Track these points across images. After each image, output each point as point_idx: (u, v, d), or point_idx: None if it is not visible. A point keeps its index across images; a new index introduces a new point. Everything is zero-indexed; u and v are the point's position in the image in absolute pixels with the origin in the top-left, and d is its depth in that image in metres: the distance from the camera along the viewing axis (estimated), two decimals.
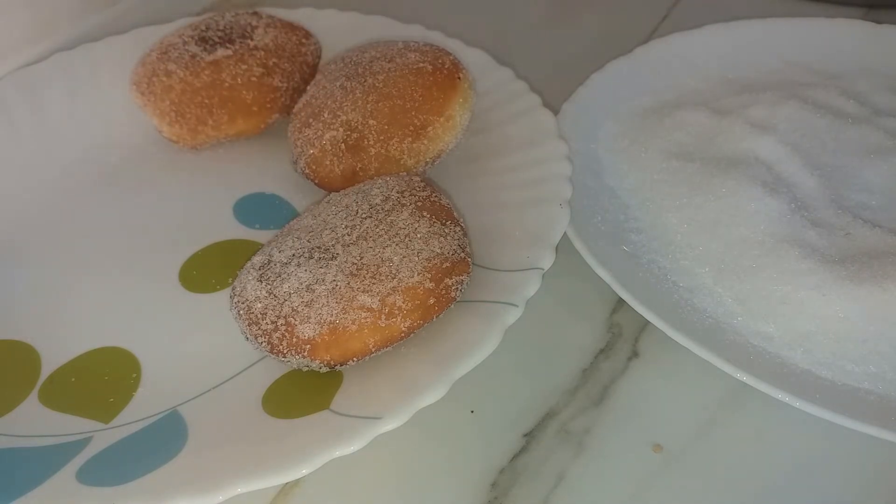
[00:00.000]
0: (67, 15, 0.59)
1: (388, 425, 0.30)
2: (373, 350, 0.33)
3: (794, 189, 0.42)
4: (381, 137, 0.41)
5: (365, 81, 0.42)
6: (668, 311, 0.37)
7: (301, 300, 0.33)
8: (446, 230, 0.35)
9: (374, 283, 0.33)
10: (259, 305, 0.34)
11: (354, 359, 0.33)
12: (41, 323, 0.39)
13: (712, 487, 0.33)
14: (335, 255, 0.34)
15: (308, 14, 0.53)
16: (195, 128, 0.46)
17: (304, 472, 0.30)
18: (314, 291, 0.33)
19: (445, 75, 0.42)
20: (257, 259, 0.36)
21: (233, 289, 0.37)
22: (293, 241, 0.36)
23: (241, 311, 0.35)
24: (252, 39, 0.47)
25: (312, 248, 0.35)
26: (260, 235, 0.43)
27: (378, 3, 0.55)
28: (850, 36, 0.52)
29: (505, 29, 0.60)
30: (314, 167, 0.42)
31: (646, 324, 0.39)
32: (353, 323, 0.32)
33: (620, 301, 0.40)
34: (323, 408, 0.32)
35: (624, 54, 0.51)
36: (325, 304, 0.33)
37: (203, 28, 0.48)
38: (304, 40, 0.49)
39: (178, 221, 0.44)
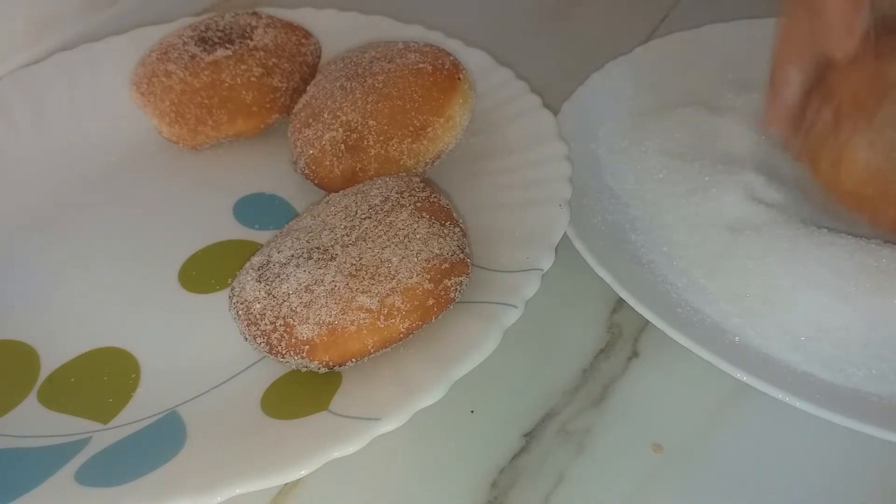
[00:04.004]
0: (67, 15, 0.59)
1: (387, 426, 0.30)
2: (372, 351, 0.33)
3: (795, 190, 0.42)
4: (381, 138, 0.41)
5: (365, 82, 0.42)
6: (668, 311, 0.37)
7: (300, 301, 0.33)
8: (445, 231, 0.35)
9: (372, 284, 0.33)
10: (258, 306, 0.34)
11: (353, 360, 0.33)
12: (40, 323, 0.39)
13: (712, 487, 0.33)
14: (334, 255, 0.34)
15: (308, 14, 0.53)
16: (195, 128, 0.46)
17: (303, 472, 0.30)
18: (313, 292, 0.33)
19: (445, 76, 0.42)
20: (256, 259, 0.36)
21: (232, 289, 0.37)
22: (292, 242, 0.36)
23: (240, 312, 0.35)
24: (252, 40, 0.47)
25: (311, 249, 0.35)
26: (259, 236, 0.43)
27: (378, 3, 0.55)
28: None
29: (505, 29, 0.60)
30: (314, 167, 0.42)
31: (646, 324, 0.39)
32: (351, 324, 0.32)
33: (620, 301, 0.40)
34: (322, 408, 0.32)
35: (624, 54, 0.51)
36: (324, 304, 0.33)
37: (203, 28, 0.48)
38: (303, 40, 0.49)
39: (177, 221, 0.44)
